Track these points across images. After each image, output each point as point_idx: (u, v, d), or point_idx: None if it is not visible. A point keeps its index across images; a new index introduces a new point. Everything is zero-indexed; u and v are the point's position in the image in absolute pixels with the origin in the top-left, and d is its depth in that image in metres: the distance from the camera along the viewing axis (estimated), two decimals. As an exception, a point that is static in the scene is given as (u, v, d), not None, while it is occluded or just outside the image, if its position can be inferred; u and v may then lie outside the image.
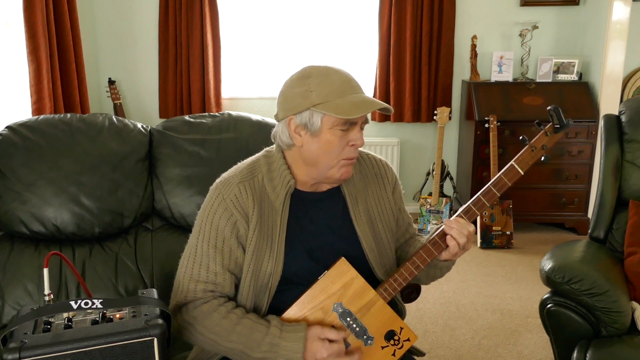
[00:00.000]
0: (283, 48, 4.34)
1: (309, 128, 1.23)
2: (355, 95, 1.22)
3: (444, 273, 1.43)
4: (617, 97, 3.89)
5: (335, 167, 1.26)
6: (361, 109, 1.19)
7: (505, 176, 1.31)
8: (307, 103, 1.21)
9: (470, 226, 1.28)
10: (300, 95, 1.22)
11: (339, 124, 1.21)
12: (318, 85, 1.21)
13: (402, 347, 1.30)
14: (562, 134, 1.32)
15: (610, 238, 2.09)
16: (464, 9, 4.22)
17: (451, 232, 1.27)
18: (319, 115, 1.21)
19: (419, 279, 1.46)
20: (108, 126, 1.81)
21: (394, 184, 1.44)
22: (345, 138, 1.24)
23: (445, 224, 1.28)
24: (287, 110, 1.25)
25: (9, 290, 1.66)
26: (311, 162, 1.27)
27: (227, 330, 1.24)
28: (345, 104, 1.20)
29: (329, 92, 1.20)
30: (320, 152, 1.24)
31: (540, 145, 1.32)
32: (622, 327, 1.71)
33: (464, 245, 1.27)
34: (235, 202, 1.28)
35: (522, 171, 1.31)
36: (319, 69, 1.24)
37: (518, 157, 1.31)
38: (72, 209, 1.70)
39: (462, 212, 1.31)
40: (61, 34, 3.49)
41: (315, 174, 1.29)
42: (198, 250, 1.31)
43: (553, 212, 3.99)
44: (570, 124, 1.29)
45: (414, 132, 4.43)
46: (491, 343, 2.63)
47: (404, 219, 1.49)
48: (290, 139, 1.27)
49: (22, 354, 1.05)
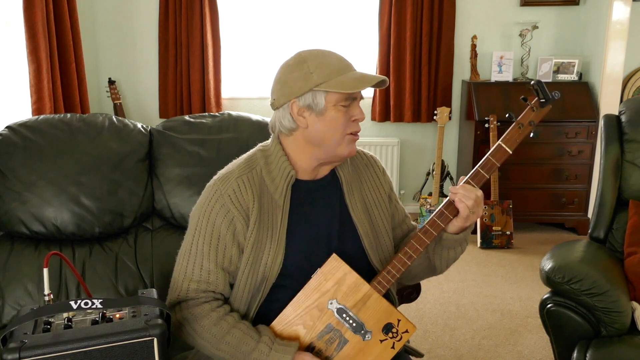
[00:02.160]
0: (283, 48, 4.34)
1: (314, 108, 1.25)
2: (354, 72, 1.27)
3: (458, 253, 1.38)
4: (617, 97, 3.89)
5: (343, 143, 1.28)
6: (363, 83, 1.24)
7: (493, 157, 1.29)
8: (310, 84, 1.24)
9: (478, 191, 1.27)
10: (301, 78, 1.24)
11: (341, 100, 1.25)
12: (317, 66, 1.24)
13: (401, 339, 1.29)
14: (548, 108, 1.30)
15: (610, 238, 2.09)
16: (464, 9, 4.22)
17: (456, 196, 1.26)
18: (322, 95, 1.24)
19: (435, 266, 1.41)
20: (108, 126, 1.81)
21: (383, 172, 1.47)
22: (348, 114, 1.27)
23: (451, 190, 1.29)
24: (288, 94, 1.27)
25: (9, 290, 1.66)
26: (318, 141, 1.28)
27: (217, 338, 1.25)
28: (347, 80, 1.24)
29: (330, 71, 1.24)
30: (326, 130, 1.26)
31: (528, 122, 1.30)
32: (622, 327, 1.71)
33: (473, 209, 1.26)
34: (234, 198, 1.28)
35: (510, 150, 1.29)
36: (313, 52, 1.28)
37: (505, 136, 1.29)
38: (72, 209, 1.70)
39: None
40: (61, 34, 3.49)
41: (322, 154, 1.30)
42: (193, 247, 1.31)
43: (553, 212, 3.99)
44: (556, 96, 1.27)
45: (414, 132, 4.43)
46: (491, 343, 2.63)
47: (398, 208, 1.48)
48: (293, 123, 1.28)
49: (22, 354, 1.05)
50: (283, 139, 1.33)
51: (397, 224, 1.48)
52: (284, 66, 1.30)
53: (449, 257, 1.38)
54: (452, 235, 1.31)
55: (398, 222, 1.48)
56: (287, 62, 1.30)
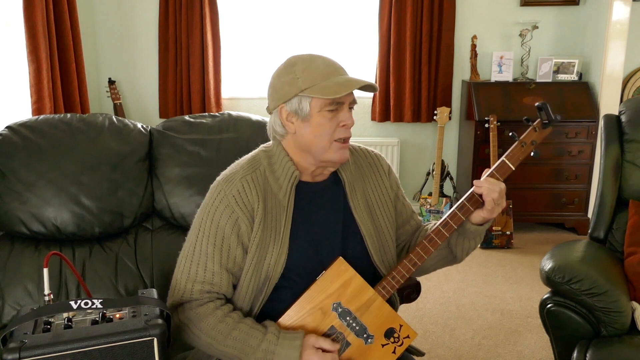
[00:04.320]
0: (283, 48, 4.34)
1: (299, 114, 1.26)
2: (340, 77, 1.26)
3: (478, 242, 1.41)
4: (617, 97, 3.89)
5: (330, 149, 1.28)
6: (346, 87, 1.23)
7: (497, 172, 1.32)
8: (295, 89, 1.24)
9: (501, 183, 1.30)
10: (287, 83, 1.25)
11: (326, 105, 1.24)
12: (304, 71, 1.24)
13: (402, 344, 1.31)
14: (550, 129, 1.34)
15: (610, 238, 2.09)
16: (464, 9, 4.22)
17: (482, 189, 1.28)
18: (307, 100, 1.24)
19: (456, 256, 1.44)
20: (108, 126, 1.81)
21: (388, 171, 1.46)
22: (335, 119, 1.26)
23: (475, 184, 1.30)
24: (277, 99, 1.28)
25: (9, 290, 1.66)
26: (306, 147, 1.29)
27: (223, 334, 1.24)
28: (330, 85, 1.23)
29: (315, 76, 1.24)
30: (312, 136, 1.26)
31: (530, 141, 1.33)
32: (622, 327, 1.71)
33: (498, 201, 1.28)
34: (238, 199, 1.28)
35: (513, 166, 1.33)
36: (303, 57, 1.28)
37: (509, 153, 1.33)
38: (72, 209, 1.70)
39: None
40: (61, 34, 3.49)
41: (312, 159, 1.30)
42: (197, 248, 1.31)
43: (553, 212, 3.99)
44: (558, 119, 1.32)
45: (414, 132, 4.43)
46: (491, 343, 2.63)
47: (406, 205, 1.49)
48: (283, 128, 1.29)
49: (22, 354, 1.05)
50: (281, 141, 1.34)
51: (405, 221, 1.48)
52: (276, 70, 1.31)
53: (470, 247, 1.41)
54: (475, 226, 1.34)
55: (406, 218, 1.48)
56: (279, 66, 1.30)
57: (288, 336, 1.22)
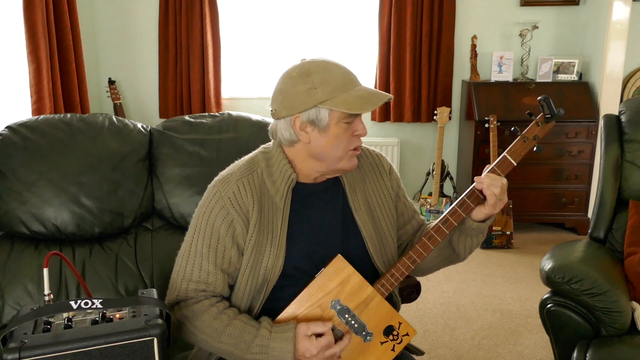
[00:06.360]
0: (283, 48, 4.34)
1: (317, 124, 1.24)
2: (359, 88, 1.25)
3: (480, 240, 1.40)
4: (617, 97, 3.89)
5: (345, 158, 1.28)
6: (370, 103, 1.22)
7: (498, 167, 1.31)
8: (314, 100, 1.22)
9: (503, 179, 1.29)
10: (304, 93, 1.22)
11: (344, 117, 1.24)
12: (321, 81, 1.22)
13: (401, 342, 1.30)
14: (553, 123, 1.33)
15: (610, 238, 2.09)
16: (464, 9, 4.22)
17: (483, 185, 1.28)
18: (326, 111, 1.23)
19: (458, 254, 1.43)
20: (108, 126, 1.81)
21: (390, 170, 1.46)
22: (350, 130, 1.26)
23: (476, 180, 1.30)
24: (291, 108, 1.24)
25: (9, 290, 1.66)
26: (320, 156, 1.28)
27: (218, 331, 1.25)
28: (352, 99, 1.22)
29: (334, 87, 1.22)
30: (329, 146, 1.26)
31: (532, 136, 1.32)
32: (622, 327, 1.71)
33: (500, 196, 1.28)
34: (233, 201, 1.28)
35: (514, 162, 1.32)
36: (318, 64, 1.25)
37: (510, 149, 1.32)
38: (72, 209, 1.70)
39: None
40: (61, 34, 3.49)
41: (324, 167, 1.30)
42: (192, 248, 1.31)
43: (553, 212, 3.99)
44: (561, 113, 1.31)
45: (414, 132, 4.43)
46: (491, 343, 2.63)
47: (407, 205, 1.48)
48: (295, 137, 1.27)
49: (22, 354, 1.05)
50: (284, 147, 1.32)
51: (407, 221, 1.48)
52: (287, 77, 1.27)
53: (472, 244, 1.40)
54: (477, 222, 1.34)
55: (407, 218, 1.48)
56: (290, 73, 1.26)
57: (280, 329, 1.23)
